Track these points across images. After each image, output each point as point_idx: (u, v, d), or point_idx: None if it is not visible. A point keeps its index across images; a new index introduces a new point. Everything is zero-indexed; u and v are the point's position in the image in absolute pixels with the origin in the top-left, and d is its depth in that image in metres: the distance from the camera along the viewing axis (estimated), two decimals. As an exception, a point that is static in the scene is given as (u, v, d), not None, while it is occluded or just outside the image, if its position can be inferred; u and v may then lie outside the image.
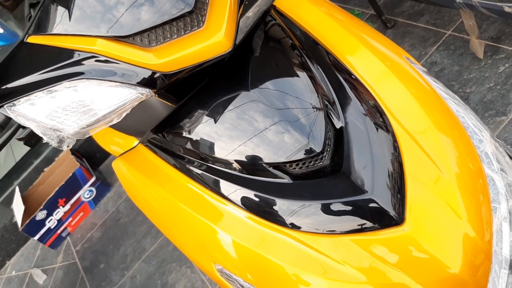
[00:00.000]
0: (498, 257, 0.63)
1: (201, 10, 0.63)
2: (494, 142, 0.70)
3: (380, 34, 0.80)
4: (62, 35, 0.65)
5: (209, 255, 0.70)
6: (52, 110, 0.64)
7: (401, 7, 2.16)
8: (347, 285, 0.61)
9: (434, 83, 0.74)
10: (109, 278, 2.22)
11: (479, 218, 0.63)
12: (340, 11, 0.84)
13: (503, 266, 0.63)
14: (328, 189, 0.65)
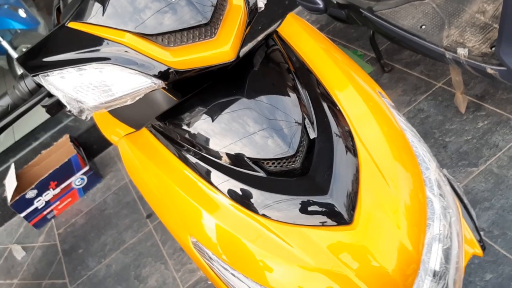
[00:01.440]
0: (425, 265, 0.75)
1: (215, 24, 0.76)
2: (439, 172, 0.83)
3: (362, 70, 0.94)
4: (96, 25, 0.78)
5: (187, 228, 0.82)
6: (78, 84, 0.76)
7: (400, 55, 2.32)
8: (299, 268, 0.73)
9: (398, 116, 0.87)
10: (85, 263, 2.30)
11: (415, 230, 0.75)
12: (333, 47, 0.97)
13: (428, 273, 0.75)
14: (295, 187, 0.77)
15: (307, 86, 0.88)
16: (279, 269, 0.75)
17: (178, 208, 0.84)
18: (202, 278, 1.92)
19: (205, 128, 0.84)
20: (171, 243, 2.14)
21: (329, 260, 0.73)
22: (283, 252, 0.75)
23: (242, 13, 0.78)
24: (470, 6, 1.74)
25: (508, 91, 1.89)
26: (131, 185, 2.59)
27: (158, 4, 0.77)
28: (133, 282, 2.08)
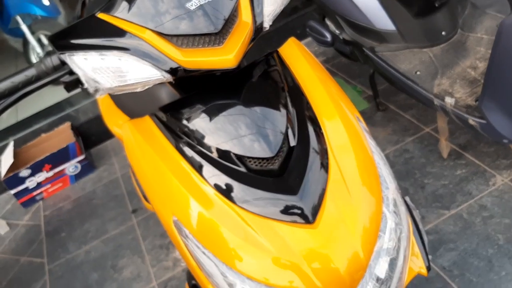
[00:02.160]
0: (371, 270, 0.85)
1: (223, 35, 0.87)
2: (397, 193, 0.94)
3: (346, 97, 1.05)
4: (122, 19, 0.89)
5: (172, 208, 0.91)
6: (98, 67, 0.87)
7: (396, 97, 2.45)
8: (263, 256, 0.83)
9: (369, 140, 0.98)
10: (66, 246, 2.37)
11: (367, 239, 0.85)
12: (325, 74, 1.08)
13: (372, 277, 0.85)
14: (271, 185, 0.87)
15: (296, 105, 0.98)
16: (246, 254, 0.85)
17: (167, 190, 0.93)
18: (175, 276, 2.00)
19: (202, 125, 0.95)
20: (151, 239, 2.22)
21: (290, 252, 0.83)
22: (251, 240, 0.85)
23: (249, 29, 0.90)
24: (464, 60, 1.88)
25: (489, 145, 2.01)
26: (123, 179, 2.68)
27: (178, 10, 0.89)
28: (108, 270, 2.16)
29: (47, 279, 2.24)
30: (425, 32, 1.96)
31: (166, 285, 1.99)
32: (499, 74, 1.50)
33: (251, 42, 0.91)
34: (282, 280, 0.84)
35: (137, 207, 2.44)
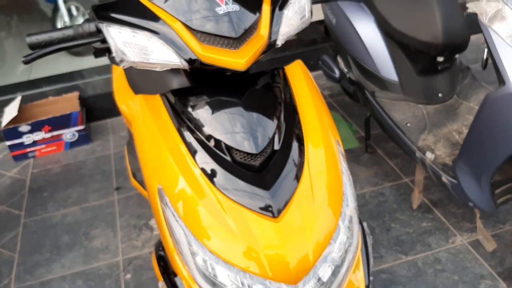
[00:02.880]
0: (316, 270, 0.96)
1: (241, 41, 1.01)
2: (355, 212, 1.06)
3: (332, 122, 1.18)
4: (158, 7, 1.02)
5: (159, 177, 1.03)
6: (128, 42, 1.00)
7: (385, 144, 2.59)
8: (228, 236, 0.95)
9: (342, 162, 1.10)
10: (45, 206, 2.47)
11: (319, 244, 0.96)
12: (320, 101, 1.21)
13: (315, 276, 0.96)
14: (249, 178, 0.99)
15: (287, 119, 1.11)
16: (214, 232, 0.97)
17: (160, 162, 1.05)
18: (141, 255, 2.11)
19: (204, 115, 1.07)
20: (127, 217, 2.32)
21: (252, 239, 0.95)
22: (222, 221, 0.96)
23: (263, 42, 1.03)
24: (452, 124, 2.03)
25: (458, 207, 2.15)
26: (114, 157, 2.79)
27: (207, 12, 1.03)
28: (80, 237, 2.25)
29: (20, 231, 2.33)
30: (424, 90, 2.11)
31: (130, 262, 2.09)
32: (476, 142, 1.64)
33: (262, 53, 1.05)
34: (240, 261, 0.96)
35: (121, 186, 2.55)
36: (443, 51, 1.95)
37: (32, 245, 2.24)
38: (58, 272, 2.09)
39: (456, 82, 2.15)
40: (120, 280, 2.02)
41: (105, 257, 2.13)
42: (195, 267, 0.99)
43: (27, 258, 2.17)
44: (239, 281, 0.96)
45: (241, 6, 1.03)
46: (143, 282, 1.99)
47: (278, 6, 1.08)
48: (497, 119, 1.52)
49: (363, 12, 2.18)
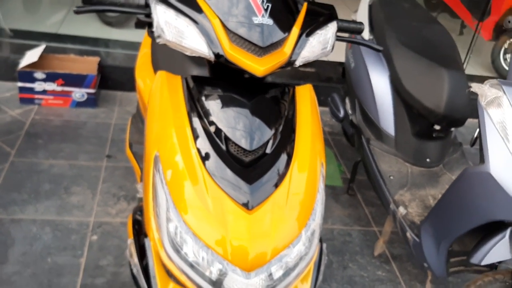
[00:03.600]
0: (269, 266, 1.06)
1: (266, 51, 1.13)
2: (318, 228, 1.17)
3: (322, 146, 1.29)
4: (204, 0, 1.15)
5: (159, 146, 1.14)
6: (169, 22, 1.12)
7: (367, 191, 2.72)
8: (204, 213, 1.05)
9: (321, 182, 1.22)
10: (36, 151, 2.56)
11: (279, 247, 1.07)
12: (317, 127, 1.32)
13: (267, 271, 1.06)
14: (236, 169, 1.10)
15: (284, 133, 1.23)
16: (193, 207, 1.07)
17: (163, 134, 1.16)
18: (112, 223, 2.20)
19: (214, 106, 1.19)
20: (109, 185, 2.42)
21: (224, 223, 1.05)
22: (203, 200, 1.07)
23: (284, 59, 1.16)
24: (431, 189, 2.15)
25: (414, 267, 2.26)
26: (114, 127, 2.90)
27: (244, 18, 1.15)
28: (60, 189, 2.34)
29: (6, 167, 2.42)
30: (415, 151, 2.24)
31: (100, 226, 2.18)
32: (445, 209, 1.76)
33: (280, 67, 1.17)
34: (207, 239, 1.07)
35: (112, 155, 2.65)
36: (441, 121, 2.09)
37: (13, 183, 2.33)
38: (30, 215, 2.17)
39: (446, 153, 2.28)
40: (86, 239, 2.10)
41: (78, 214, 2.22)
42: (166, 232, 1.10)
43: (5, 194, 2.25)
44: (201, 255, 1.06)
45: (274, 22, 1.16)
46: (107, 247, 2.08)
47: (306, 32, 1.21)
48: (469, 193, 1.65)
49: (381, 64, 2.32)
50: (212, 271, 1.07)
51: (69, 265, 1.97)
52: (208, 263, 1.07)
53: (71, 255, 2.01)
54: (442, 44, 2.27)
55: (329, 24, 1.26)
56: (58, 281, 1.90)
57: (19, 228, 2.09)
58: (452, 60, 2.15)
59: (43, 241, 2.05)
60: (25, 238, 2.05)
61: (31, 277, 1.89)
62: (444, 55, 2.17)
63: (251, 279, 1.07)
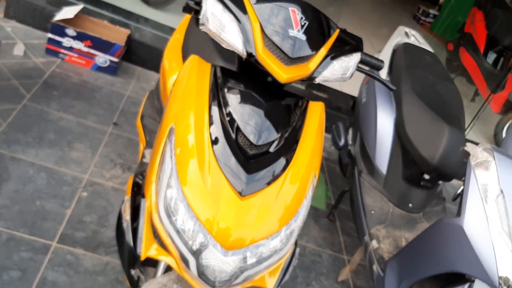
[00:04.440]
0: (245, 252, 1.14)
1: (292, 62, 1.25)
2: (297, 230, 1.27)
3: (319, 159, 1.41)
4: (250, 4, 1.27)
5: (177, 119, 1.24)
6: (215, 14, 1.23)
7: (346, 221, 2.83)
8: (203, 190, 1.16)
9: (310, 189, 1.32)
10: (49, 102, 2.67)
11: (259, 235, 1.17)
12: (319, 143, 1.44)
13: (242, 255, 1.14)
14: (240, 158, 1.21)
15: (287, 140, 1.34)
16: (193, 183, 1.17)
17: (183, 111, 1.27)
18: (103, 185, 2.30)
19: (234, 99, 1.30)
20: (110, 150, 2.52)
21: (216, 202, 1.16)
22: (204, 178, 1.17)
23: (308, 73, 1.28)
24: (406, 232, 2.27)
25: (372, 301, 2.36)
26: (126, 99, 3.01)
27: (281, 29, 1.27)
28: (63, 141, 2.44)
29: (18, 108, 2.52)
30: (400, 194, 2.35)
31: (92, 185, 2.28)
32: (413, 251, 1.87)
33: (301, 80, 1.29)
34: (199, 212, 1.16)
35: (119, 124, 2.75)
36: (431, 171, 2.21)
37: (21, 125, 2.43)
38: (30, 157, 2.27)
39: (429, 203, 2.40)
40: (76, 193, 2.20)
41: (74, 169, 2.32)
42: (164, 197, 1.20)
43: (11, 132, 2.35)
44: (189, 224, 1.17)
45: (306, 39, 1.28)
46: (94, 206, 2.18)
47: (332, 55, 1.33)
48: (439, 240, 1.76)
49: (390, 105, 2.45)
50: (195, 241, 1.17)
51: (55, 213, 2.06)
52: (193, 233, 1.17)
53: (59, 204, 2.11)
54: (451, 102, 2.40)
55: (353, 54, 1.38)
56: (41, 224, 1.99)
57: (17, 167, 2.19)
58: (456, 120, 2.27)
59: (37, 185, 2.15)
60: (21, 178, 2.15)
61: (17, 214, 1.99)
62: (450, 113, 2.30)
63: (227, 257, 1.17)
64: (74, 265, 1.90)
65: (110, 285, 1.89)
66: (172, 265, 1.27)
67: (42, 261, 1.86)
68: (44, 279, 1.81)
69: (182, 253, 1.19)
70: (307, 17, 1.30)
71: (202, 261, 1.18)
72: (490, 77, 4.53)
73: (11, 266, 1.80)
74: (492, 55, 4.65)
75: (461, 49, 5.00)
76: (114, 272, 1.95)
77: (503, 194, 1.68)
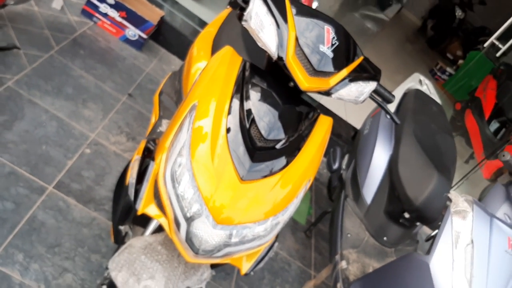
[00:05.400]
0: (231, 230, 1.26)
1: (315, 74, 1.38)
2: (283, 223, 1.38)
3: (316, 169, 1.53)
4: (292, 14, 1.40)
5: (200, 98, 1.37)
6: (259, 14, 1.35)
7: (321, 240, 2.94)
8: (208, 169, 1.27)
9: (302, 191, 1.44)
10: (74, 59, 2.78)
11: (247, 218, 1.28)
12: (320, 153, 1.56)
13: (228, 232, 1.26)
14: (248, 147, 1.32)
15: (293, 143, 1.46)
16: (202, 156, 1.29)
17: (208, 92, 1.39)
18: (106, 148, 2.41)
19: (254, 95, 1.42)
20: (119, 118, 2.64)
21: (219, 178, 1.27)
22: (213, 156, 1.28)
23: (326, 88, 1.41)
24: (375, 262, 2.39)
25: (328, 318, 2.47)
26: (146, 75, 3.13)
27: (312, 43, 1.41)
28: (79, 98, 2.56)
29: (45, 57, 2.63)
30: (378, 225, 2.47)
31: (96, 144, 2.39)
32: (377, 278, 1.99)
33: (318, 92, 1.42)
34: (201, 183, 1.28)
35: (133, 95, 2.87)
36: (412, 212, 2.33)
37: (45, 73, 2.54)
38: (46, 105, 2.38)
39: (402, 242, 2.52)
40: (80, 148, 2.31)
41: (83, 125, 2.43)
42: (173, 162, 1.32)
43: (34, 77, 2.46)
44: (189, 192, 1.28)
45: (333, 57, 1.41)
46: (94, 164, 2.28)
47: (351, 77, 1.46)
48: (404, 273, 1.88)
49: (389, 142, 2.58)
50: (190, 208, 1.28)
51: (57, 160, 2.17)
52: (191, 201, 1.28)
53: (62, 154, 2.22)
54: (445, 154, 2.54)
55: (370, 82, 1.51)
56: (43, 167, 2.10)
57: (32, 110, 2.30)
58: (446, 170, 2.41)
59: (46, 131, 2.26)
60: (33, 120, 2.26)
61: (23, 152, 2.09)
62: (442, 162, 2.43)
63: (216, 230, 1.28)
64: (64, 212, 2.00)
65: (93, 239, 2.00)
66: (164, 226, 1.38)
67: (36, 201, 1.96)
68: (34, 218, 1.91)
69: (177, 216, 1.31)
70: (338, 38, 1.43)
71: (192, 228, 1.29)
72: (488, 143, 4.70)
73: (7, 198, 1.90)
74: (495, 123, 4.82)
75: (467, 111, 5.17)
76: (99, 228, 2.05)
77: (473, 244, 1.81)
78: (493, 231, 1.87)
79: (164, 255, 1.44)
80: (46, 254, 1.84)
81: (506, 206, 2.13)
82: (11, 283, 1.70)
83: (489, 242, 1.84)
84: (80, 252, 1.93)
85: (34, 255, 1.81)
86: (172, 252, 1.46)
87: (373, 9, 5.34)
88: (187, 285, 1.46)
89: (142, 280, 1.40)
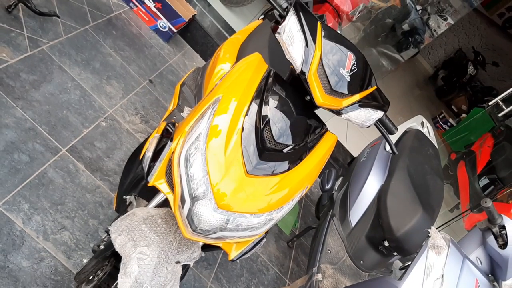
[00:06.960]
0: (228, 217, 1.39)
1: (332, 93, 1.51)
2: (275, 220, 1.51)
3: (314, 179, 1.67)
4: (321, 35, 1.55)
5: (224, 93, 1.51)
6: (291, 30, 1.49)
7: (301, 253, 3.07)
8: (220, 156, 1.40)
9: (298, 195, 1.58)
10: (106, 37, 2.93)
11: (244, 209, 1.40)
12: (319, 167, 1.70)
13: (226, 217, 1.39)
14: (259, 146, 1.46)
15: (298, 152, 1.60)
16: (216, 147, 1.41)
17: (232, 90, 1.52)
18: (121, 124, 2.54)
19: (273, 102, 1.57)
20: (138, 100, 2.78)
21: (227, 168, 1.40)
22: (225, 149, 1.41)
23: (338, 106, 1.56)
24: (348, 281, 2.52)
25: (294, 326, 2.59)
26: (168, 67, 3.28)
27: (334, 66, 1.56)
28: (104, 74, 2.70)
29: (80, 30, 2.78)
30: (357, 248, 2.61)
31: (113, 119, 2.52)
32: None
33: (330, 110, 1.57)
34: (211, 168, 1.41)
35: (154, 82, 3.02)
36: (391, 241, 2.47)
37: (77, 44, 2.69)
38: (74, 73, 2.52)
39: (377, 268, 2.65)
40: (97, 119, 2.45)
41: (104, 100, 2.57)
42: (189, 144, 1.46)
43: (67, 46, 2.61)
44: (199, 174, 1.41)
45: (350, 81, 1.57)
46: (107, 137, 2.42)
47: (362, 103, 1.61)
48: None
49: (382, 174, 2.73)
50: (197, 189, 1.42)
51: (74, 126, 2.31)
52: (199, 183, 1.42)
53: (80, 122, 2.36)
54: (433, 194, 2.69)
55: (378, 110, 1.66)
56: (60, 130, 2.23)
57: (60, 76, 2.44)
58: (431, 209, 2.55)
59: (69, 97, 2.40)
60: (59, 85, 2.40)
61: (45, 112, 2.23)
62: (428, 201, 2.58)
63: (215, 213, 1.41)
64: (72, 175, 2.14)
65: (94, 205, 2.13)
66: (170, 200, 1.51)
67: (49, 159, 2.10)
68: (45, 174, 2.04)
69: (184, 194, 1.44)
70: (358, 65, 1.58)
71: (195, 208, 1.42)
72: (475, 197, 4.85)
73: (23, 150, 2.03)
74: (485, 180, 4.99)
75: (461, 162, 5.34)
76: (101, 196, 2.18)
77: (443, 279, 1.95)
78: (463, 271, 2.01)
79: (163, 228, 1.58)
80: (49, 210, 1.96)
81: (480, 251, 2.27)
82: (13, 229, 1.82)
83: (458, 280, 1.98)
84: (80, 214, 2.05)
85: (39, 208, 1.94)
86: (170, 227, 1.59)
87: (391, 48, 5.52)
88: (178, 259, 1.59)
89: (139, 246, 1.53)
